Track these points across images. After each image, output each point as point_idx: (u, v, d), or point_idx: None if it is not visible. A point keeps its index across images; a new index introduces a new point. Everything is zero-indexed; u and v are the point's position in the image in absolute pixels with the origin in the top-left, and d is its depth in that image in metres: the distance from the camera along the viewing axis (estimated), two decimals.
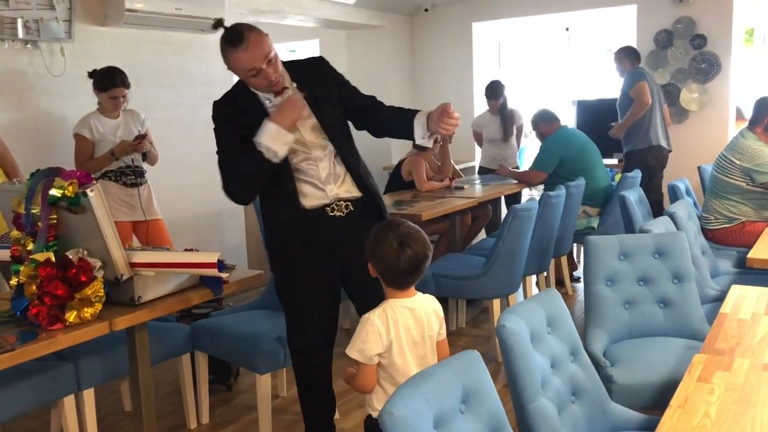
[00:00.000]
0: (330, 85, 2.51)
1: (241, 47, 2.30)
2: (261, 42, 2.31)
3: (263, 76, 2.33)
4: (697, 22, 6.06)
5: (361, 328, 1.90)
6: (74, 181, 2.18)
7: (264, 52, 2.30)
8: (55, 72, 4.12)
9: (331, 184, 2.48)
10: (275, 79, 2.36)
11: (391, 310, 1.93)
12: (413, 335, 1.94)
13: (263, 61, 2.30)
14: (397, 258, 1.90)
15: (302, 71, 2.51)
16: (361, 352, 1.88)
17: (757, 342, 1.84)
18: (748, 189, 3.84)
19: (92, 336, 2.14)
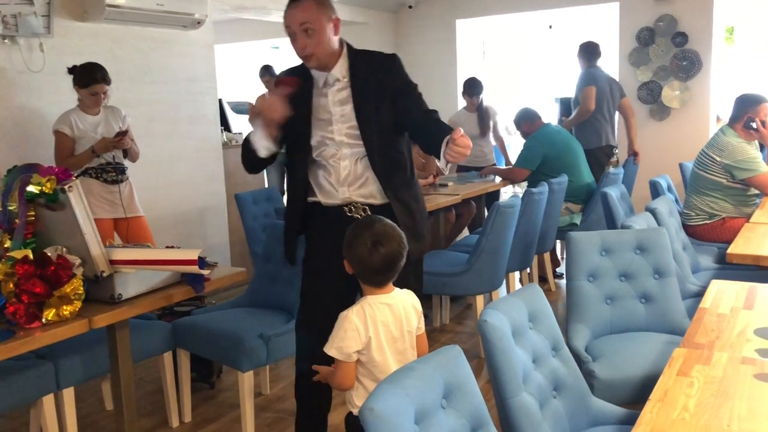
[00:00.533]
0: (388, 86, 2.39)
1: (291, 5, 2.30)
2: (308, 9, 2.27)
3: (295, 42, 2.31)
4: (678, 20, 6.11)
5: (339, 325, 1.90)
6: (52, 178, 2.16)
7: (303, 17, 2.26)
8: (33, 68, 4.07)
9: (345, 186, 2.41)
10: (304, 52, 2.31)
11: (368, 306, 1.93)
12: (392, 331, 1.94)
13: (297, 26, 2.28)
14: (370, 256, 1.91)
15: (365, 61, 2.42)
16: (339, 349, 1.88)
17: (736, 336, 1.86)
18: (728, 185, 3.88)
19: (71, 334, 2.12)
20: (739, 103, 3.99)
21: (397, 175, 2.45)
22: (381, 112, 2.37)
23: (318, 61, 2.34)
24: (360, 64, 2.40)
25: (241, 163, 2.54)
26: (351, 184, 2.41)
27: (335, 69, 2.38)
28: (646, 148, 6.31)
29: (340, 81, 2.39)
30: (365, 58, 2.44)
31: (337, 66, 2.38)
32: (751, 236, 3.06)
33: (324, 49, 2.32)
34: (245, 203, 4.60)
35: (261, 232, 4.48)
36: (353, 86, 2.38)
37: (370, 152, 2.38)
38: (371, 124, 2.37)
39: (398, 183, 2.44)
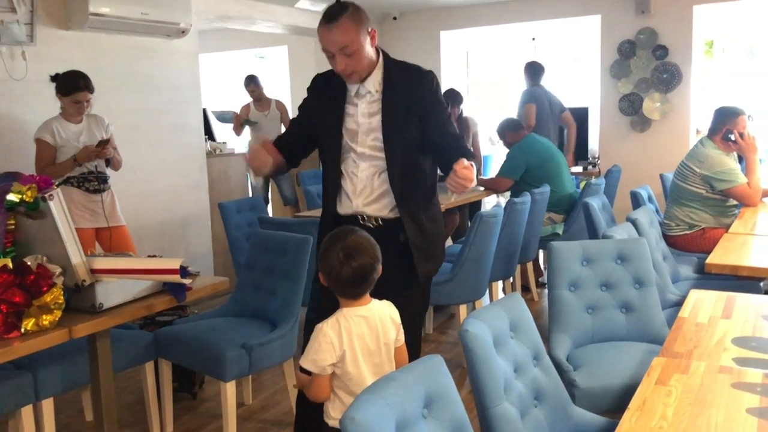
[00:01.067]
0: (418, 102, 2.36)
1: (326, 26, 2.24)
2: (346, 30, 2.22)
3: (335, 62, 2.28)
4: (659, 33, 6.20)
5: (314, 338, 1.89)
6: (33, 186, 2.15)
7: (341, 41, 2.22)
8: (16, 76, 4.05)
9: (360, 198, 2.40)
10: (345, 72, 2.29)
11: (344, 319, 1.92)
12: (368, 344, 1.93)
13: (336, 48, 2.24)
14: (340, 269, 1.89)
15: (400, 74, 2.38)
16: (314, 362, 1.87)
17: (714, 345, 1.88)
18: (707, 196, 3.93)
19: (51, 344, 2.10)
20: (718, 116, 4.05)
21: (415, 194, 2.42)
22: (408, 128, 2.35)
23: (359, 76, 2.32)
24: (394, 77, 2.37)
25: None
26: (366, 197, 2.40)
27: (368, 81, 2.35)
28: (627, 159, 6.39)
29: (372, 93, 2.36)
30: (400, 70, 2.40)
31: (371, 78, 2.35)
32: (730, 246, 3.10)
33: (364, 65, 2.30)
34: (229, 212, 4.58)
35: (244, 241, 4.47)
36: (384, 99, 2.35)
37: (390, 167, 2.36)
38: (395, 140, 2.35)
39: (415, 202, 2.41)
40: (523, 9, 6.77)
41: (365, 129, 2.37)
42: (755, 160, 3.97)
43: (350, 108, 2.39)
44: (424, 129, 2.38)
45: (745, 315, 2.10)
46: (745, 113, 4.03)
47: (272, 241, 3.31)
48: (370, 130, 2.37)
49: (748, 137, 3.95)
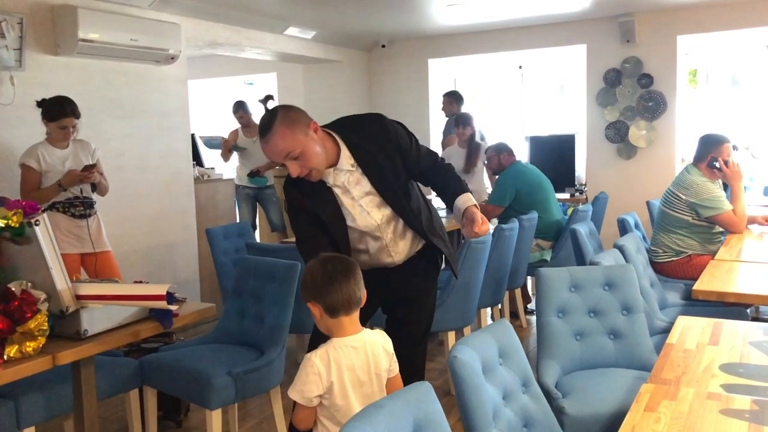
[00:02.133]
0: (391, 151, 2.40)
1: (263, 140, 2.25)
2: (282, 137, 2.21)
3: (289, 167, 2.26)
4: (644, 62, 6.29)
5: (302, 368, 1.87)
6: (19, 211, 2.13)
7: (282, 149, 2.22)
8: (3, 100, 4.04)
9: (400, 254, 2.52)
10: (302, 174, 2.27)
11: (333, 350, 1.90)
12: (358, 375, 1.91)
13: (282, 157, 2.24)
14: (324, 277, 1.89)
15: (359, 138, 2.39)
16: (300, 393, 1.86)
17: (702, 371, 1.88)
18: (693, 223, 3.96)
19: (34, 371, 2.07)
20: (703, 143, 4.10)
21: (421, 220, 2.50)
22: (397, 177, 2.42)
23: (320, 172, 2.31)
24: (359, 145, 2.38)
25: None
26: (403, 252, 2.51)
27: (341, 162, 2.35)
28: (613, 186, 6.44)
29: (352, 172, 2.37)
30: (357, 133, 2.40)
31: (341, 160, 2.35)
32: (716, 273, 3.12)
33: (318, 161, 2.28)
34: (216, 238, 4.56)
35: (231, 266, 4.45)
36: (364, 170, 2.38)
37: (401, 214, 2.44)
38: (397, 194, 2.42)
39: (433, 225, 2.57)
40: (510, 38, 6.86)
41: (361, 197, 2.39)
42: (740, 187, 4.01)
43: (341, 198, 2.39)
44: (405, 169, 2.46)
45: (732, 341, 2.11)
46: (730, 141, 4.08)
47: (260, 267, 3.29)
48: (368, 195, 2.40)
49: (732, 164, 3.99)
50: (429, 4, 5.46)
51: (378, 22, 6.01)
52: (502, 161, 5.33)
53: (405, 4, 5.40)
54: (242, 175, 6.63)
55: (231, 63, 8.10)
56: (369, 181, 2.38)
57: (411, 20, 6.11)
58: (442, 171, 2.55)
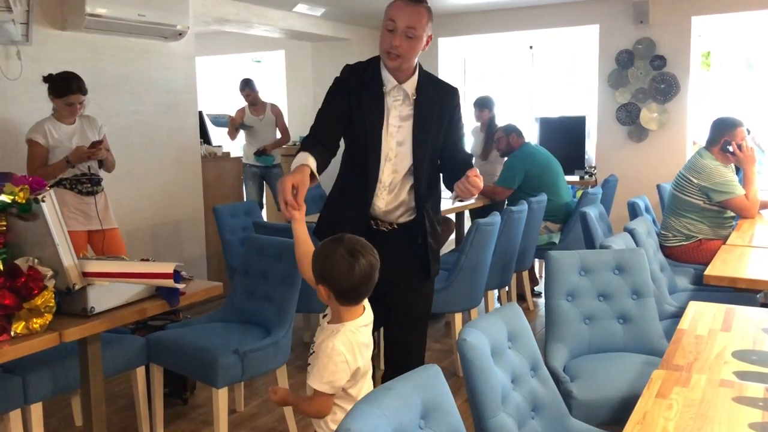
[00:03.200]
0: (446, 116, 2.49)
1: (406, 2, 2.32)
2: (420, 15, 2.32)
3: (392, 36, 2.31)
4: (657, 43, 6.20)
5: (327, 358, 1.77)
6: (26, 187, 2.12)
7: (413, 21, 2.30)
8: (10, 75, 4.01)
9: (382, 201, 2.47)
10: (396, 50, 2.32)
11: (351, 333, 1.83)
12: (369, 345, 1.91)
13: (404, 25, 2.30)
14: (350, 270, 1.78)
15: (433, 87, 2.49)
16: (330, 383, 1.77)
17: (714, 358, 1.86)
18: (704, 207, 3.91)
19: (41, 348, 2.07)
20: (716, 127, 4.04)
21: (434, 197, 2.56)
22: (436, 137, 2.47)
23: (401, 64, 2.36)
24: (428, 88, 2.45)
25: None
26: (388, 201, 2.47)
27: (407, 84, 2.42)
28: (624, 168, 6.38)
29: (408, 98, 2.43)
30: (433, 82, 2.50)
31: (409, 82, 2.43)
32: (728, 258, 3.09)
33: (412, 56, 2.37)
34: (223, 216, 4.55)
35: (238, 245, 4.44)
36: (417, 107, 2.43)
37: (417, 171, 2.45)
38: (425, 145, 2.45)
39: (432, 205, 2.55)
40: (521, 18, 6.77)
41: (395, 130, 2.43)
42: (753, 171, 3.96)
43: (389, 109, 2.43)
44: (445, 142, 2.50)
45: (744, 328, 2.08)
46: (744, 125, 4.03)
47: (267, 246, 3.27)
48: (400, 134, 2.44)
49: (746, 149, 3.94)
50: None
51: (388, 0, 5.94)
52: (511, 142, 5.28)
53: None
54: (249, 154, 6.60)
55: (239, 40, 8.04)
56: (413, 119, 2.43)
57: None
58: (466, 161, 2.52)
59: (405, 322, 2.59)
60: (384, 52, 2.37)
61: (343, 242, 1.83)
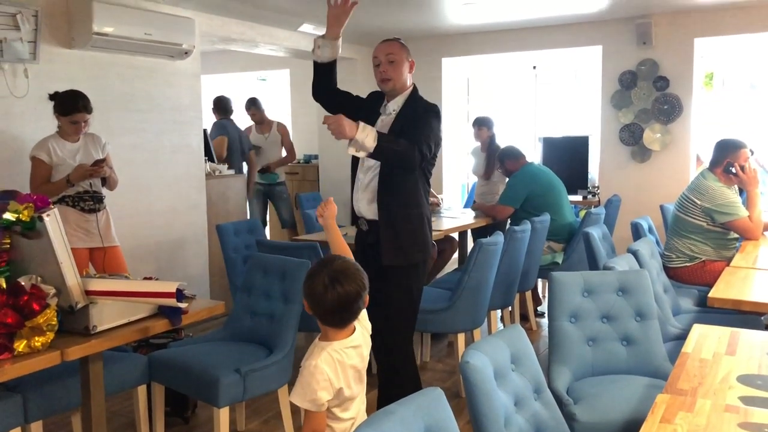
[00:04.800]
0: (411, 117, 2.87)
1: (382, 42, 2.95)
2: (390, 45, 2.91)
3: (379, 69, 2.90)
4: (659, 64, 6.23)
5: (310, 376, 1.82)
6: (30, 205, 2.12)
7: (389, 50, 2.89)
8: (17, 93, 4.04)
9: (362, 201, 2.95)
10: (385, 75, 2.88)
11: (336, 352, 1.86)
12: (359, 369, 1.92)
13: (384, 56, 2.89)
14: (324, 294, 1.84)
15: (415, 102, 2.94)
16: (312, 402, 1.81)
17: (719, 382, 1.84)
18: (708, 229, 3.91)
19: (42, 366, 2.06)
20: (719, 148, 4.04)
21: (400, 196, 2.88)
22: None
23: (393, 85, 2.90)
24: (413, 106, 2.90)
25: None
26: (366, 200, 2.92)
27: (392, 102, 2.94)
28: (627, 189, 6.38)
29: (391, 114, 2.93)
30: (418, 102, 2.94)
31: (396, 99, 2.94)
32: (732, 280, 3.07)
33: (399, 78, 2.90)
34: (226, 234, 4.55)
35: (241, 263, 4.43)
36: (396, 119, 2.90)
37: (381, 170, 2.86)
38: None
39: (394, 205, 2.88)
40: (524, 38, 6.81)
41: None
42: (756, 193, 3.95)
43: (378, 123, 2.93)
44: (399, 131, 2.82)
45: (749, 352, 2.07)
46: (747, 146, 4.03)
47: (270, 264, 3.27)
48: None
49: (749, 170, 3.94)
50: (445, 3, 5.42)
51: (392, 20, 5.97)
52: (509, 168, 5.31)
53: (420, 3, 5.37)
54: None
55: (244, 59, 8.08)
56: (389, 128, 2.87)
57: (426, 19, 6.08)
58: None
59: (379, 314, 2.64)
60: (378, 82, 2.93)
61: (329, 266, 1.89)
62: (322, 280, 1.85)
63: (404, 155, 2.72)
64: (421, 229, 2.95)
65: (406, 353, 3.00)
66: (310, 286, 1.87)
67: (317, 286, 1.85)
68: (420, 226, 2.94)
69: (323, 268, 1.88)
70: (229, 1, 5.04)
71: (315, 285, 1.86)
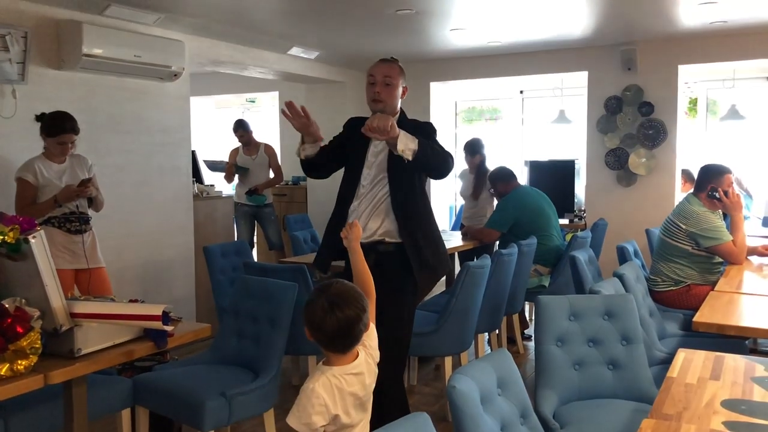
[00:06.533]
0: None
1: (380, 62, 2.96)
2: (389, 68, 2.93)
3: (374, 87, 2.90)
4: (644, 90, 6.31)
5: (306, 399, 1.80)
6: (16, 227, 2.11)
7: (387, 73, 2.91)
8: (5, 113, 4.03)
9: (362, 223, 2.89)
10: (378, 96, 2.89)
11: (335, 378, 1.85)
12: (360, 397, 1.90)
13: (381, 77, 2.90)
14: (323, 319, 1.83)
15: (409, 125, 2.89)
16: (307, 426, 1.79)
17: (703, 407, 1.85)
18: (693, 253, 3.94)
19: (25, 390, 2.04)
20: (703, 174, 4.10)
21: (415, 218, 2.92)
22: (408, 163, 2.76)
23: (384, 107, 2.90)
24: (405, 126, 2.80)
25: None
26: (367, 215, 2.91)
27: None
28: (613, 212, 6.43)
29: None
30: (411, 123, 2.96)
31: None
32: (716, 305, 3.10)
33: (391, 102, 2.93)
34: (213, 256, 4.54)
35: (228, 285, 4.42)
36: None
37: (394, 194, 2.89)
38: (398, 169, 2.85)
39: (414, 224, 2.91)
40: (511, 63, 6.88)
41: (370, 162, 2.94)
42: (740, 218, 4.00)
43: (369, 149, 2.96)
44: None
45: (734, 376, 2.08)
46: (731, 171, 4.08)
47: (256, 287, 3.27)
48: (376, 165, 2.93)
49: (732, 195, 3.99)
50: (432, 28, 5.48)
51: (381, 45, 6.03)
52: (499, 190, 5.33)
53: (409, 28, 5.43)
54: (241, 193, 6.62)
55: (233, 81, 8.12)
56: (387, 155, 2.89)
57: (414, 43, 6.14)
58: None
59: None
60: (370, 101, 2.93)
61: (328, 290, 1.88)
62: (321, 306, 1.84)
63: (446, 156, 2.84)
64: (443, 247, 3.09)
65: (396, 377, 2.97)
66: (310, 312, 1.86)
67: (316, 312, 1.85)
68: (443, 245, 3.10)
69: (322, 293, 1.87)
70: (219, 24, 5.08)
71: (314, 311, 1.85)
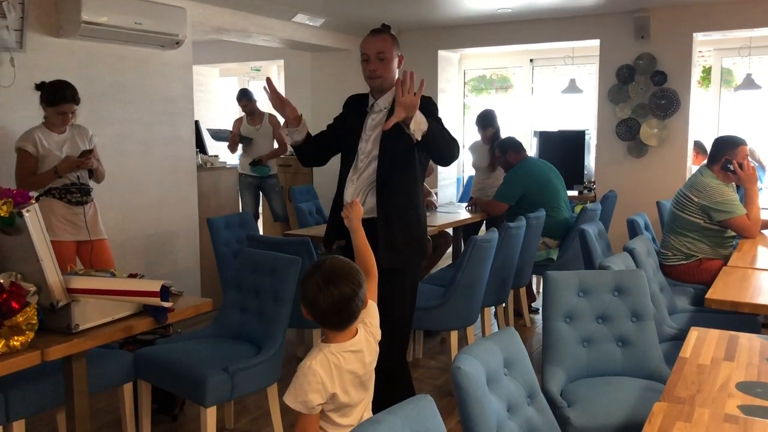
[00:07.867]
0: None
1: (371, 35, 2.79)
2: (385, 41, 2.77)
3: (368, 64, 2.76)
4: (657, 59, 6.16)
5: (303, 377, 1.77)
6: (9, 200, 2.05)
7: (380, 47, 2.75)
8: (3, 82, 3.95)
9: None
10: (374, 73, 2.76)
11: (332, 355, 1.81)
12: (359, 375, 1.86)
13: (374, 53, 2.75)
14: (318, 296, 1.79)
15: None
16: (303, 403, 1.76)
17: (718, 390, 1.79)
18: (705, 226, 3.86)
19: (22, 366, 2.01)
20: (717, 145, 3.99)
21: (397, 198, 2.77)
22: (402, 140, 2.67)
23: (382, 83, 2.79)
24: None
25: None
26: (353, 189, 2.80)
27: (381, 99, 2.82)
28: (623, 184, 6.33)
29: (382, 111, 2.81)
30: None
31: (384, 96, 2.82)
32: (729, 281, 3.03)
33: (389, 75, 2.79)
34: (217, 228, 4.48)
35: (232, 257, 4.37)
36: (389, 114, 2.69)
37: (379, 171, 2.75)
38: (387, 151, 2.75)
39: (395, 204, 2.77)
40: (522, 31, 6.73)
41: (366, 137, 2.83)
42: (755, 191, 3.90)
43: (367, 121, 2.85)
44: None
45: (749, 357, 2.02)
46: (746, 143, 3.98)
47: (260, 260, 3.21)
48: (371, 140, 2.81)
49: (747, 167, 3.89)
50: None
51: (388, 11, 5.90)
52: (509, 160, 5.22)
53: None
54: (245, 164, 6.55)
55: (238, 49, 7.99)
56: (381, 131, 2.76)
57: (421, 10, 6.00)
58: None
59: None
60: (366, 78, 2.82)
61: (323, 266, 1.83)
62: (315, 282, 1.80)
63: (452, 144, 2.73)
64: (418, 230, 2.86)
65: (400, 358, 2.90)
66: (304, 288, 1.83)
67: (311, 288, 1.81)
68: (417, 227, 2.86)
69: (316, 269, 1.84)
70: None
71: (309, 287, 1.82)
